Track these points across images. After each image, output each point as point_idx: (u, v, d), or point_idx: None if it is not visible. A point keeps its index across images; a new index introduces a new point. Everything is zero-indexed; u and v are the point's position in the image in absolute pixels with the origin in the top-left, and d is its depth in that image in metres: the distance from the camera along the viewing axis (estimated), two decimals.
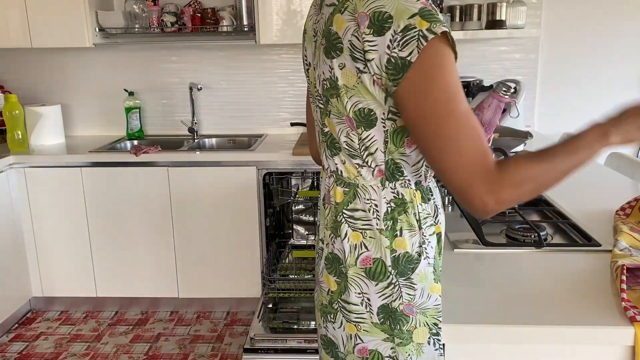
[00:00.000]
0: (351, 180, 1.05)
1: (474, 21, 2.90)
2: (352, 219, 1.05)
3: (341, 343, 1.09)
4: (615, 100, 3.13)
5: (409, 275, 1.02)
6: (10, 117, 2.89)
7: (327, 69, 1.01)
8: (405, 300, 1.02)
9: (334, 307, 1.08)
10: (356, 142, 1.02)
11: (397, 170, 1.02)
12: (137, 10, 3.01)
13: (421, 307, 1.03)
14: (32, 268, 2.93)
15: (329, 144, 1.08)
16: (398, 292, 1.02)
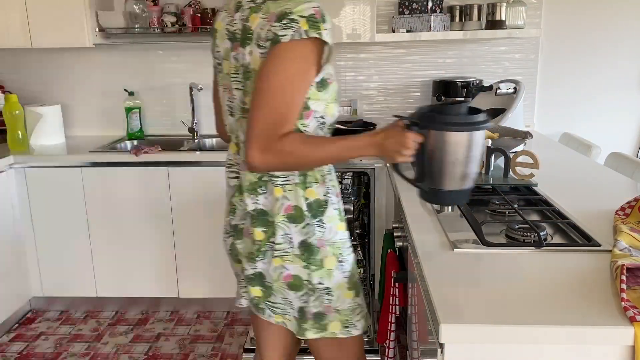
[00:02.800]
0: None
1: (474, 21, 2.90)
2: (273, 177, 1.34)
3: (268, 274, 1.39)
4: (615, 100, 3.13)
5: (320, 217, 1.36)
6: (11, 117, 2.89)
7: (244, 56, 1.30)
8: (317, 236, 1.36)
9: (262, 250, 1.38)
10: None
11: None
12: (137, 11, 3.01)
13: (329, 241, 1.37)
14: (32, 268, 2.93)
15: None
16: (312, 230, 1.36)
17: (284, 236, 1.35)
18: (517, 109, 2.58)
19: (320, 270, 1.37)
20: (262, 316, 1.44)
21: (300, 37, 1.21)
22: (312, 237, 1.35)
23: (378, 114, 3.22)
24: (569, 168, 2.20)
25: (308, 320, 1.41)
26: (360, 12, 2.78)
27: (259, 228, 1.37)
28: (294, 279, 1.38)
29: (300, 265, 1.36)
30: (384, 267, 2.16)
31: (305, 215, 1.35)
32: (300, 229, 1.35)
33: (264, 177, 1.34)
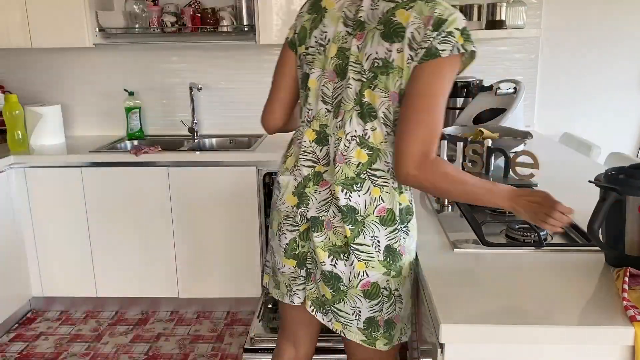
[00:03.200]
0: (375, 145, 1.32)
1: (474, 21, 2.90)
2: (374, 177, 1.32)
3: (346, 278, 1.35)
4: (615, 100, 3.13)
5: (407, 224, 1.36)
6: (11, 117, 2.89)
7: (384, 50, 1.27)
8: (402, 242, 1.34)
9: (347, 249, 1.34)
10: (392, 114, 1.30)
11: None
12: (137, 10, 3.01)
13: (408, 248, 1.36)
14: (32, 268, 2.93)
15: (364, 113, 1.32)
16: (399, 235, 1.34)
17: (371, 238, 1.32)
18: (517, 109, 2.58)
19: (398, 278, 1.35)
20: (321, 317, 1.41)
21: (458, 52, 1.24)
22: (397, 242, 1.33)
23: None
24: (569, 168, 2.20)
25: (380, 329, 1.37)
26: None
27: (348, 225, 1.32)
28: (372, 287, 1.34)
29: (381, 272, 1.33)
30: None
31: (396, 220, 1.32)
32: (388, 232, 1.32)
33: (363, 174, 1.32)
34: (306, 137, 1.41)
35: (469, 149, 2.01)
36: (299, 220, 1.41)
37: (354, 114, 1.33)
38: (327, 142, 1.38)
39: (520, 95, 2.60)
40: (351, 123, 1.33)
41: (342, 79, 1.35)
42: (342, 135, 1.34)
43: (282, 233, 1.45)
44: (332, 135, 1.36)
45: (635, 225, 1.17)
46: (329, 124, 1.38)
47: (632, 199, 1.16)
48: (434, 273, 1.23)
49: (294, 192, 1.41)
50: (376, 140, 1.32)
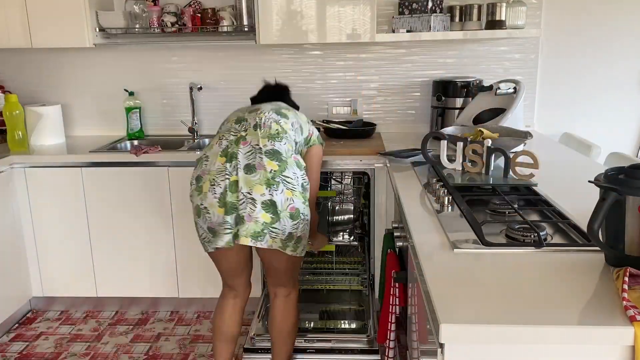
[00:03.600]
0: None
1: (474, 21, 2.90)
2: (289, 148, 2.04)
3: (280, 203, 1.89)
4: (615, 100, 3.13)
5: (306, 177, 2.01)
6: (11, 117, 2.89)
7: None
8: (307, 184, 2.00)
9: (276, 180, 1.88)
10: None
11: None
12: (137, 11, 3.01)
13: (308, 190, 2.02)
14: (32, 268, 2.93)
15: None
16: (306, 179, 2.00)
17: (294, 173, 1.91)
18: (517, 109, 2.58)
19: (306, 207, 1.97)
20: (259, 243, 1.89)
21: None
22: (306, 182, 1.98)
23: (378, 114, 3.22)
24: (569, 168, 2.21)
25: (292, 241, 1.94)
26: (360, 12, 2.78)
27: (273, 161, 1.89)
28: (296, 211, 1.92)
29: (301, 201, 1.93)
30: (384, 267, 2.16)
31: (302, 167, 2.00)
32: (302, 174, 1.96)
33: (280, 134, 1.99)
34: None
35: (469, 149, 2.01)
36: (230, 171, 1.89)
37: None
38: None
39: (520, 95, 2.60)
40: (269, 114, 2.06)
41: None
42: (262, 116, 2.04)
43: (215, 186, 1.90)
44: (249, 118, 2.04)
45: (635, 225, 1.17)
46: (245, 116, 2.05)
47: (632, 199, 1.16)
48: (434, 273, 1.23)
49: (221, 153, 1.93)
50: (285, 126, 2.08)
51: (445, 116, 2.96)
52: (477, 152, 1.99)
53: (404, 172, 2.17)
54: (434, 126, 3.04)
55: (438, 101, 2.97)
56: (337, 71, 3.18)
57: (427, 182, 1.99)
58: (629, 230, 1.18)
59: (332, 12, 2.79)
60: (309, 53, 3.15)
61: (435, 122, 3.01)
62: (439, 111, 2.97)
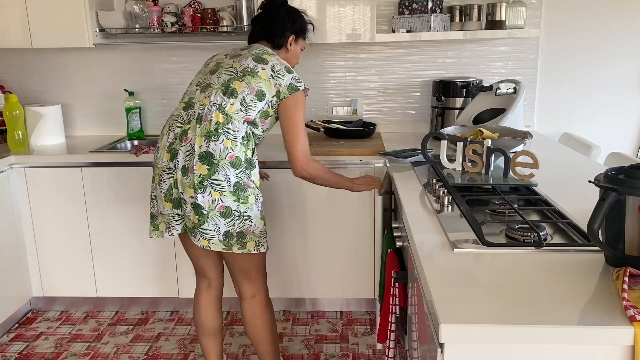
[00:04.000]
0: (230, 113, 1.96)
1: (474, 21, 2.90)
2: (229, 133, 1.91)
3: (206, 204, 1.89)
4: (615, 100, 3.13)
5: (250, 170, 1.95)
6: (11, 117, 2.89)
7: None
8: (246, 180, 1.93)
9: (204, 184, 1.88)
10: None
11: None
12: (137, 11, 3.01)
13: (251, 185, 1.95)
14: (32, 268, 2.93)
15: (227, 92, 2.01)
16: (244, 175, 1.93)
17: (224, 175, 1.89)
18: (517, 109, 2.58)
19: (246, 204, 1.93)
20: (193, 240, 1.93)
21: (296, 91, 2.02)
22: (243, 180, 1.92)
23: (378, 114, 3.22)
24: (569, 168, 2.21)
25: (233, 238, 1.93)
26: (360, 12, 2.78)
27: (205, 165, 1.87)
28: (226, 209, 1.90)
29: (232, 199, 1.90)
30: (384, 267, 2.16)
31: (242, 164, 1.92)
32: (237, 173, 1.91)
33: (219, 130, 1.89)
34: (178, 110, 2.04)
35: (469, 149, 2.01)
36: (173, 170, 1.93)
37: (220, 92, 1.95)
38: (193, 109, 1.96)
39: (520, 95, 2.60)
40: (216, 96, 1.94)
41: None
42: (206, 102, 1.94)
43: (162, 182, 1.96)
44: (197, 103, 1.96)
45: (635, 225, 1.17)
46: (195, 98, 1.98)
47: (632, 199, 1.16)
48: (434, 273, 1.23)
49: (167, 149, 1.95)
50: (230, 110, 1.91)
51: (445, 116, 2.96)
52: (477, 152, 1.99)
53: (404, 172, 2.17)
54: (434, 126, 3.04)
55: (438, 101, 2.97)
56: (337, 71, 3.18)
57: (427, 182, 1.99)
58: (629, 230, 1.18)
59: (332, 12, 2.79)
60: (309, 53, 3.15)
61: (435, 122, 3.01)
62: (439, 111, 2.97)
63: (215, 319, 2.22)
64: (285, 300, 3.00)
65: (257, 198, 1.97)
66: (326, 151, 2.69)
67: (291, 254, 2.84)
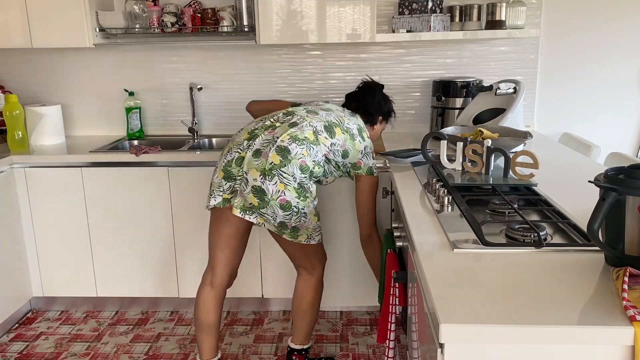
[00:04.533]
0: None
1: (474, 21, 2.90)
2: (301, 144, 2.09)
3: (270, 192, 2.01)
4: (615, 100, 3.13)
5: (312, 183, 2.11)
6: (11, 117, 2.89)
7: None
8: (310, 185, 2.09)
9: (273, 173, 2.00)
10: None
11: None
12: (137, 11, 3.01)
13: (310, 190, 2.09)
14: (32, 268, 2.93)
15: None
16: (308, 181, 2.08)
17: (293, 173, 2.02)
18: (517, 109, 2.58)
19: (305, 202, 2.07)
20: (248, 217, 2.05)
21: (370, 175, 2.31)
22: (307, 184, 2.07)
23: None
24: (569, 168, 2.21)
25: (287, 229, 2.09)
26: (360, 12, 2.78)
27: (278, 155, 2.01)
28: (287, 203, 2.03)
29: (294, 195, 2.03)
30: (384, 267, 2.16)
31: (308, 173, 2.06)
32: (304, 177, 2.05)
33: (305, 143, 2.06)
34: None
35: (469, 149, 2.01)
36: (244, 148, 2.08)
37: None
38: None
39: (520, 95, 2.60)
40: (319, 121, 2.18)
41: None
42: (308, 119, 2.16)
43: (229, 153, 2.11)
44: (296, 114, 2.20)
45: (635, 225, 1.17)
46: (298, 112, 2.21)
47: (632, 199, 1.16)
48: (434, 273, 1.23)
49: (249, 131, 2.13)
50: (322, 137, 2.14)
51: (445, 116, 2.96)
52: (477, 152, 1.99)
53: (404, 172, 2.17)
54: (434, 126, 3.04)
55: (438, 101, 2.97)
56: (337, 71, 3.18)
57: (427, 182, 1.99)
58: (628, 230, 1.18)
59: (332, 12, 2.79)
60: (309, 53, 3.15)
61: (435, 122, 3.01)
62: (439, 111, 2.97)
63: (213, 316, 2.28)
64: (285, 300, 2.99)
65: (314, 199, 2.13)
66: None
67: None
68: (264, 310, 3.02)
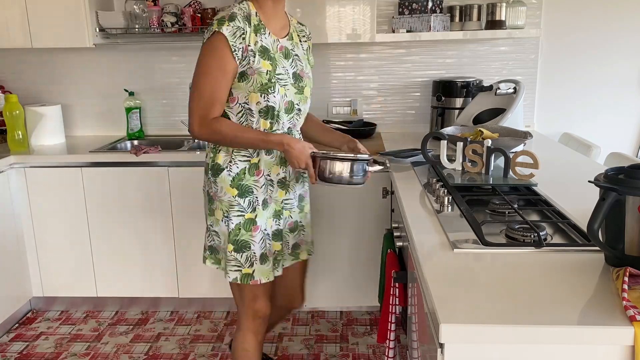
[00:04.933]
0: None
1: (474, 21, 2.90)
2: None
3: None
4: (615, 100, 3.13)
5: (215, 177, 1.79)
6: (11, 117, 2.89)
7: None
8: (212, 190, 1.81)
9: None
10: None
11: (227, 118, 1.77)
12: (137, 11, 3.01)
13: (219, 198, 1.79)
14: (32, 268, 2.93)
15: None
16: (210, 184, 1.81)
17: (206, 181, 1.84)
18: (517, 109, 2.58)
19: (211, 217, 1.82)
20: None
21: (210, 35, 1.67)
22: (209, 189, 1.81)
23: (378, 114, 3.22)
24: (569, 168, 2.21)
25: (206, 250, 1.88)
26: (360, 12, 2.78)
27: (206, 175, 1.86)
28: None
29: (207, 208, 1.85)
30: (384, 267, 2.16)
31: (209, 172, 1.81)
32: (206, 179, 1.83)
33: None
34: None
35: (468, 149, 2.01)
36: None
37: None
38: None
39: (520, 95, 2.60)
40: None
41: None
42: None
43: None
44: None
45: (635, 225, 1.17)
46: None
47: (632, 199, 1.16)
48: (434, 273, 1.23)
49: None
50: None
51: (445, 116, 2.96)
52: (477, 152, 1.99)
53: (404, 172, 2.17)
54: (434, 126, 3.04)
55: (438, 101, 2.97)
56: (337, 71, 3.18)
57: (427, 182, 1.99)
58: (628, 230, 1.18)
59: (332, 12, 2.79)
60: None
61: (435, 122, 3.01)
62: (439, 111, 2.97)
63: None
64: None
65: (226, 213, 1.77)
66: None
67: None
68: None
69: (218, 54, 1.66)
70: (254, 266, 1.81)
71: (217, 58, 1.66)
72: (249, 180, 1.79)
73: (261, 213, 1.81)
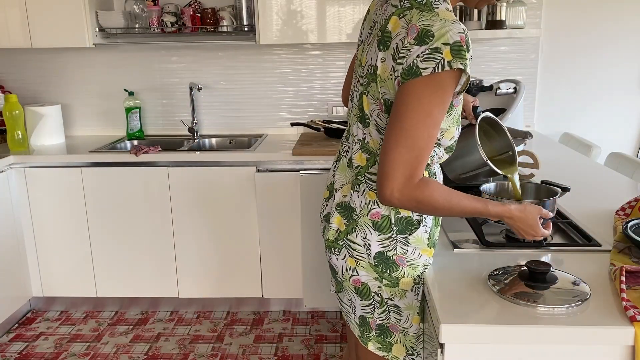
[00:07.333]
0: (374, 150, 1.29)
1: (474, 21, 2.90)
2: (370, 181, 1.29)
3: (340, 271, 1.35)
4: (615, 100, 3.13)
5: (407, 235, 1.27)
6: (11, 117, 2.89)
7: (374, 57, 1.24)
8: (399, 252, 1.27)
9: (339, 244, 1.33)
10: (383, 122, 1.25)
11: None
12: (137, 11, 3.01)
13: (411, 262, 1.28)
14: (32, 268, 2.93)
15: (361, 118, 1.32)
16: (394, 245, 1.27)
17: (363, 239, 1.29)
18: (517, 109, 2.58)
19: (393, 288, 1.30)
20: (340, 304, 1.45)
21: (442, 69, 1.16)
22: (391, 251, 1.27)
23: None
24: (569, 168, 2.20)
25: (372, 331, 1.35)
26: (360, 12, 2.78)
27: (343, 219, 1.33)
28: (362, 286, 1.32)
29: (372, 276, 1.30)
30: None
31: (392, 228, 1.27)
32: (382, 239, 1.27)
33: (360, 176, 1.31)
34: (344, 135, 1.47)
35: None
36: (322, 216, 1.47)
37: (356, 118, 1.35)
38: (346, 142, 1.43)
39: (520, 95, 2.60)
40: (356, 127, 1.35)
41: (356, 79, 1.37)
42: (351, 137, 1.39)
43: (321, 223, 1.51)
44: (349, 136, 1.41)
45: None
46: (351, 125, 1.39)
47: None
48: (434, 273, 1.23)
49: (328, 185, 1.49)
50: (374, 145, 1.28)
51: None
52: None
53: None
54: None
55: None
56: (337, 71, 3.18)
57: None
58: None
59: (332, 12, 2.79)
60: (309, 53, 3.15)
61: None
62: None
63: None
64: (285, 300, 2.99)
65: (418, 281, 1.30)
66: (326, 151, 2.69)
67: (291, 254, 2.84)
68: (264, 311, 3.02)
69: (446, 93, 1.22)
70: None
71: (441, 96, 1.20)
72: (436, 233, 1.35)
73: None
